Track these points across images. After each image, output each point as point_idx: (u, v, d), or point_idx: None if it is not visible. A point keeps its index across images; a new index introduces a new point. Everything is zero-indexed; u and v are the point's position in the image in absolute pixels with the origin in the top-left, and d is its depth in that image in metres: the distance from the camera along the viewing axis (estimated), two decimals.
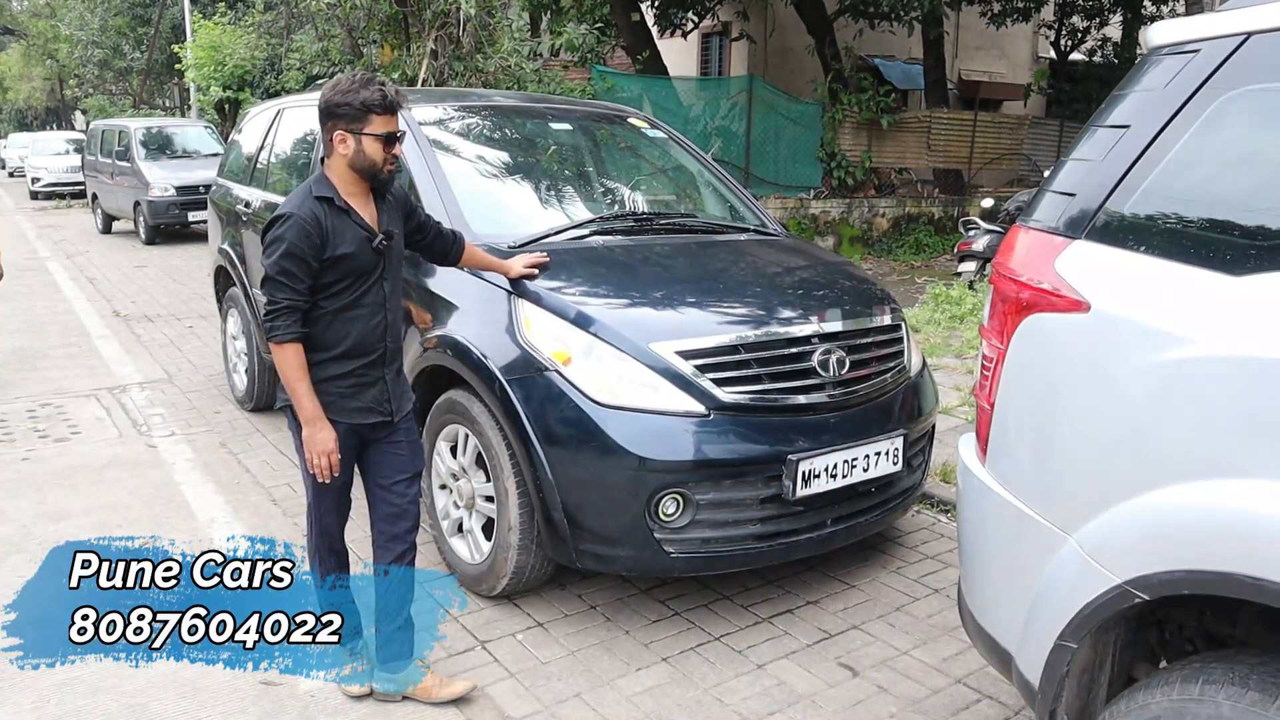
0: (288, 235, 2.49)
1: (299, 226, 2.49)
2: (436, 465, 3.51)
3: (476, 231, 3.51)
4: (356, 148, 2.55)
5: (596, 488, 2.94)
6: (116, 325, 8.30)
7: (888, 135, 13.25)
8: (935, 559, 3.78)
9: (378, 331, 2.67)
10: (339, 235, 2.56)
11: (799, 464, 3.03)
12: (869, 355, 3.39)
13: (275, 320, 2.51)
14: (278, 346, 2.53)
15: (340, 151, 2.56)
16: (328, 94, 2.56)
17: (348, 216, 2.58)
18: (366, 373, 2.66)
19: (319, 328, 2.60)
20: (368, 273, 2.63)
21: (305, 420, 2.56)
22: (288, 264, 2.49)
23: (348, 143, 2.55)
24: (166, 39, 23.09)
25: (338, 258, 2.55)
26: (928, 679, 2.95)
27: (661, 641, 3.13)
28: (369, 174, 2.60)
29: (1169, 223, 1.84)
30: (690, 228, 4.03)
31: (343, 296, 2.60)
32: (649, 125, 4.69)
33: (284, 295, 2.51)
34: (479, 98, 4.61)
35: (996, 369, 2.11)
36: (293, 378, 2.54)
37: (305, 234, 2.49)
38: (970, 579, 2.27)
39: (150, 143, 14.53)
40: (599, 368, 3.00)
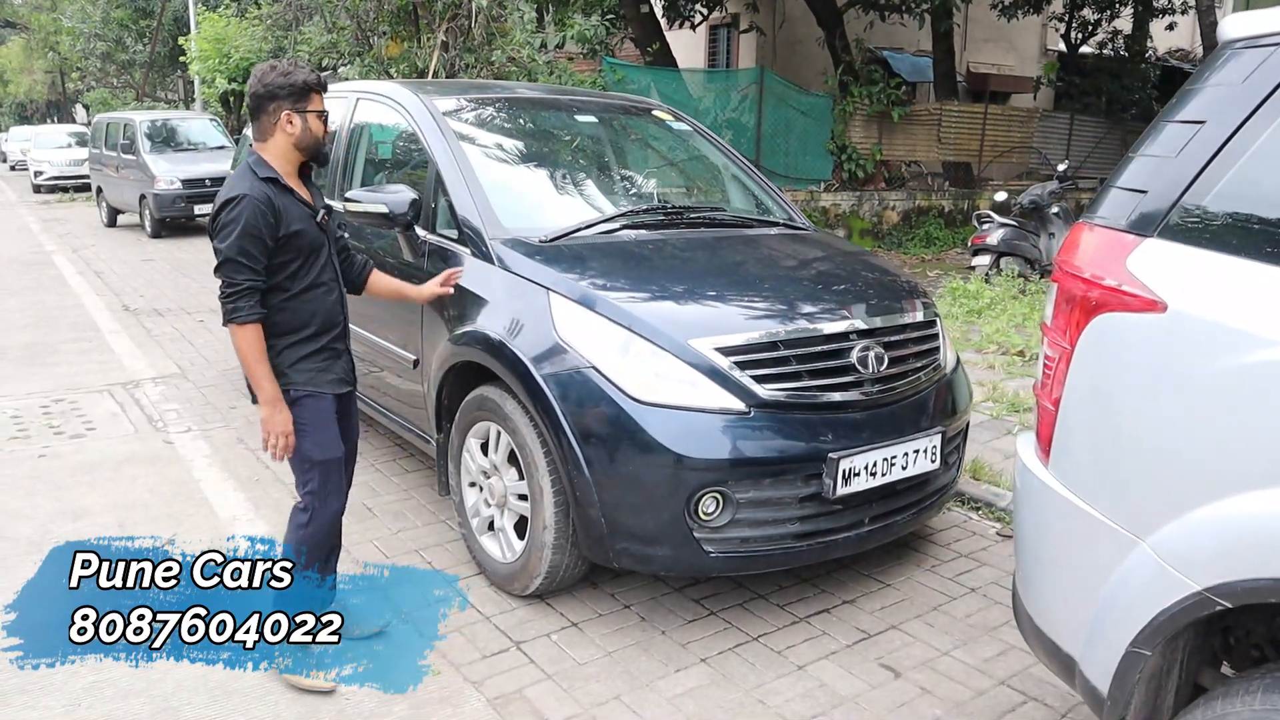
0: (244, 215, 2.54)
1: (254, 206, 2.55)
2: (466, 463, 3.47)
3: (507, 226, 3.46)
4: (303, 125, 2.68)
5: (635, 486, 2.89)
6: (127, 319, 8.25)
7: (898, 128, 13.19)
8: (969, 557, 3.73)
9: (337, 305, 2.83)
10: (289, 213, 2.65)
11: (839, 462, 2.98)
12: (906, 352, 3.34)
13: (237, 301, 2.56)
14: (239, 328, 2.58)
15: (287, 131, 2.67)
16: (267, 79, 2.65)
17: (292, 195, 2.69)
18: (334, 346, 2.82)
19: (289, 310, 2.69)
20: (318, 249, 2.75)
21: (266, 401, 2.64)
22: (246, 244, 2.54)
23: (294, 122, 2.66)
24: (169, 31, 23.00)
25: (291, 235, 2.63)
26: (971, 680, 2.91)
27: (699, 642, 3.09)
28: (314, 149, 2.74)
29: (1249, 221, 1.79)
30: (719, 221, 3.98)
31: (304, 276, 2.71)
32: (673, 118, 4.64)
33: (244, 276, 2.56)
34: (502, 90, 4.55)
35: (1061, 368, 2.06)
36: (253, 359, 2.61)
37: (260, 213, 2.56)
38: (1029, 581, 2.22)
39: (155, 136, 14.44)
40: (637, 364, 2.95)
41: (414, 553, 3.70)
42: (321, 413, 2.77)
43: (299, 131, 2.68)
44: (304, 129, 2.68)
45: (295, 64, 2.70)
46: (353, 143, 4.48)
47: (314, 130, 2.71)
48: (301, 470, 2.79)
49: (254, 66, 2.86)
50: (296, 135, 2.68)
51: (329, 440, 2.79)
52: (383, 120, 4.34)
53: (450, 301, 3.49)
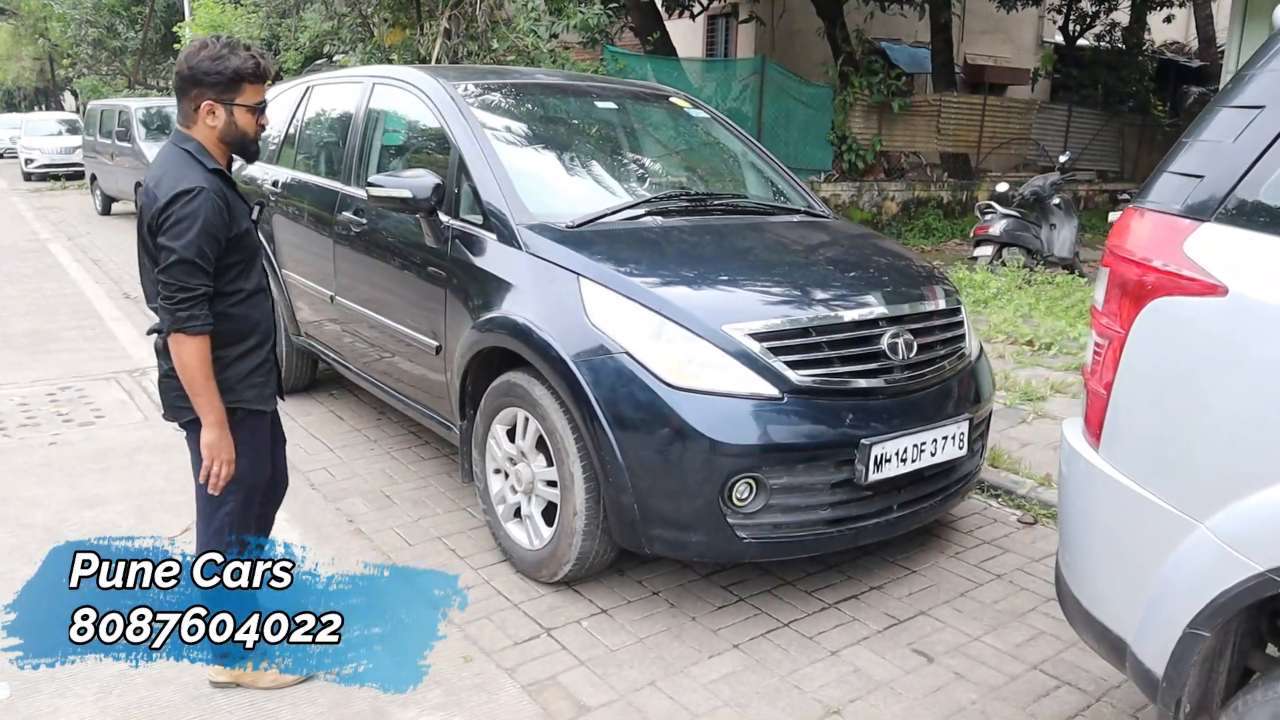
0: (203, 211, 2.27)
1: (212, 202, 2.30)
2: (491, 449, 3.45)
3: (533, 212, 3.44)
4: (227, 119, 2.40)
5: (669, 472, 2.88)
6: (128, 307, 8.19)
7: (898, 119, 13.19)
8: (991, 544, 3.74)
9: (272, 312, 2.63)
10: (237, 210, 2.42)
11: (872, 448, 2.98)
12: (933, 339, 3.34)
13: (192, 309, 2.28)
14: (190, 339, 2.29)
15: (208, 123, 2.39)
16: (193, 60, 2.34)
17: (236, 190, 2.46)
18: (270, 356, 2.60)
19: (235, 318, 2.43)
20: (256, 251, 2.53)
21: (214, 424, 2.39)
22: (204, 244, 2.28)
23: (216, 114, 2.38)
24: (161, 18, 22.79)
25: (241, 234, 2.40)
26: (1003, 665, 2.92)
27: (730, 628, 3.08)
28: (239, 146, 2.46)
29: None
30: (742, 208, 3.97)
31: (248, 279, 2.47)
32: (691, 105, 4.62)
33: (199, 281, 2.29)
34: (521, 75, 4.52)
35: (1113, 353, 2.05)
36: (204, 374, 2.34)
37: (217, 210, 2.32)
38: (1076, 564, 2.22)
39: (151, 122, 14.29)
40: (670, 349, 2.94)
41: (436, 540, 3.69)
42: (261, 432, 2.60)
43: (221, 125, 2.39)
44: (228, 123, 2.39)
45: (232, 45, 2.38)
46: (369, 128, 4.45)
47: (241, 126, 2.41)
48: (219, 496, 2.50)
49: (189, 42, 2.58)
50: (219, 129, 2.40)
51: (263, 461, 2.62)
52: (401, 105, 4.31)
53: (475, 287, 3.47)
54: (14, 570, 3.35)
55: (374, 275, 4.21)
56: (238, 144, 2.45)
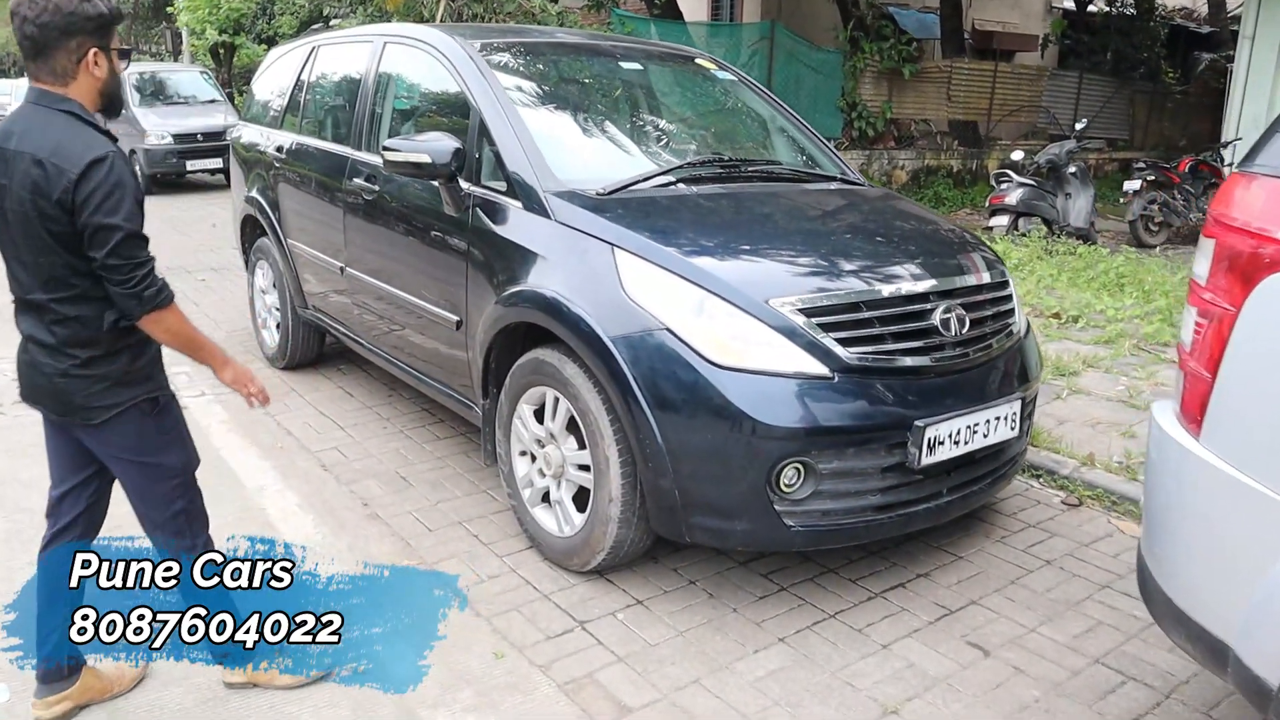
0: (126, 177, 2.05)
1: (128, 165, 2.09)
2: (517, 430, 3.27)
3: (561, 178, 3.24)
4: (109, 67, 2.13)
5: (713, 456, 2.71)
6: None
7: (908, 85, 12.91)
8: (1037, 527, 3.58)
9: None
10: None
11: (925, 430, 2.81)
12: (984, 314, 3.16)
13: (155, 282, 2.09)
14: (166, 312, 2.13)
15: (95, 74, 2.10)
16: (66, 6, 2.02)
17: None
18: None
19: None
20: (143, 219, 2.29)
21: (225, 362, 2.32)
22: (138, 212, 2.07)
23: (101, 63, 2.11)
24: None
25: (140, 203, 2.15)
26: (1063, 659, 2.76)
27: (774, 620, 2.92)
28: (113, 97, 2.19)
29: None
30: (776, 175, 3.77)
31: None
32: (717, 66, 4.40)
33: (147, 253, 2.10)
34: (541, 34, 4.30)
35: (1220, 332, 1.87)
36: (193, 331, 2.23)
37: (134, 174, 2.11)
38: (1167, 559, 2.06)
39: (144, 89, 13.99)
40: (713, 325, 2.75)
41: (457, 524, 3.52)
42: (182, 417, 2.41)
43: (105, 74, 2.12)
44: (109, 72, 2.13)
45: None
46: (379, 91, 4.23)
47: (118, 74, 2.18)
48: (171, 492, 2.34)
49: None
50: (104, 79, 2.12)
51: (193, 444, 2.44)
52: (415, 65, 4.08)
53: (499, 258, 3.27)
54: (11, 557, 3.20)
55: (387, 245, 4.01)
56: (113, 95, 2.19)
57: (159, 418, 2.30)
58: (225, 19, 15.32)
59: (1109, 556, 3.36)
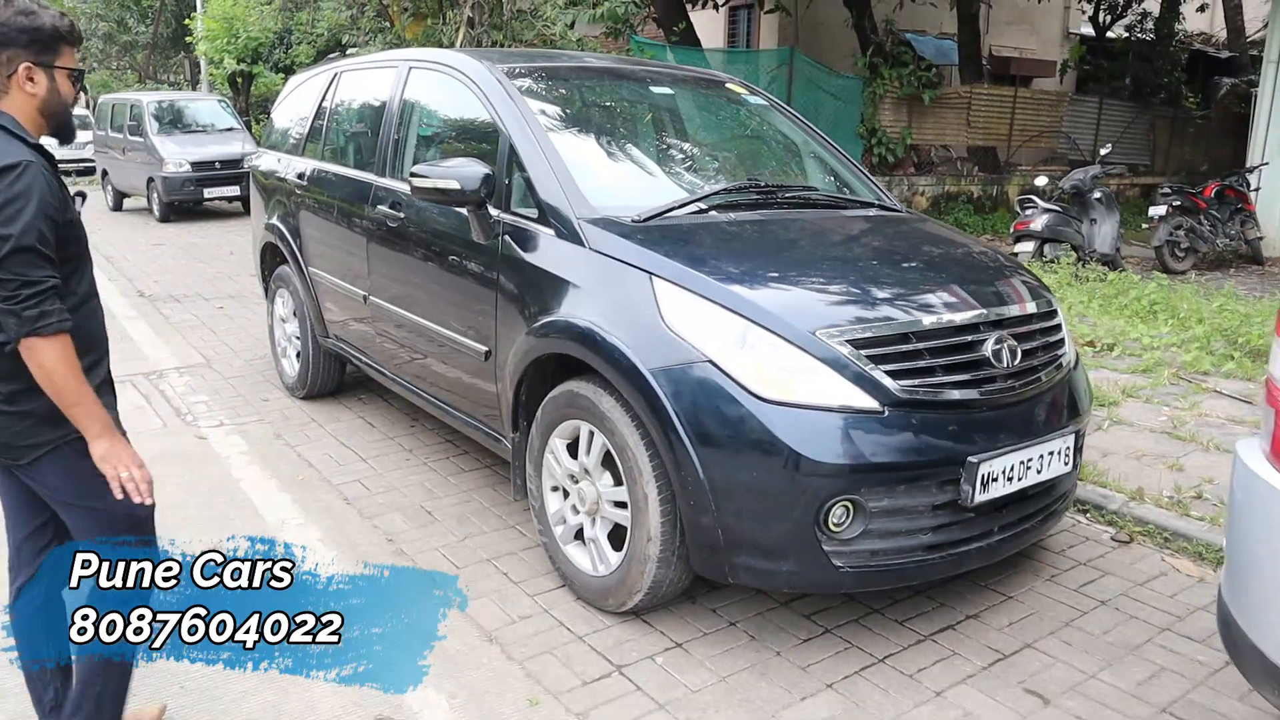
0: (36, 189, 1.89)
1: (43, 178, 1.93)
2: (549, 465, 3.16)
3: (594, 204, 3.15)
4: (49, 86, 2.02)
5: (759, 494, 2.59)
6: (143, 306, 7.92)
7: (928, 111, 12.87)
8: (1088, 565, 3.44)
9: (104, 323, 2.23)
10: (65, 194, 2.04)
11: (979, 466, 2.69)
12: (1034, 344, 3.04)
13: (42, 304, 1.89)
14: (46, 341, 1.90)
15: (27, 90, 1.99)
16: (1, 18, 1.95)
17: (57, 173, 2.03)
18: (109, 373, 2.21)
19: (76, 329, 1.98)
20: (87, 244, 2.13)
21: (101, 431, 2.01)
22: (43, 227, 1.90)
23: (37, 80, 2.00)
24: (172, 11, 22.55)
25: (72, 222, 2.02)
26: (1128, 708, 2.62)
27: (820, 664, 2.79)
28: (61, 119, 2.08)
29: None
30: (813, 202, 3.67)
31: (84, 280, 2.10)
32: (748, 91, 4.32)
33: (45, 272, 1.90)
34: (570, 59, 4.23)
35: None
36: (76, 377, 1.96)
37: (50, 188, 1.94)
38: (1257, 609, 1.93)
39: (163, 117, 14.05)
40: (758, 357, 2.64)
41: (485, 562, 3.41)
42: None
43: (44, 93, 2.01)
44: (50, 90, 2.02)
45: (40, 3, 2.02)
46: (405, 116, 4.16)
47: (64, 94, 2.05)
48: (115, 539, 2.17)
49: None
50: (41, 97, 2.01)
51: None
52: (440, 91, 4.01)
53: (530, 287, 3.18)
54: None
55: (413, 273, 3.92)
56: (60, 116, 2.08)
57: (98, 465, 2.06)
58: (243, 48, 15.42)
59: (1166, 597, 3.22)
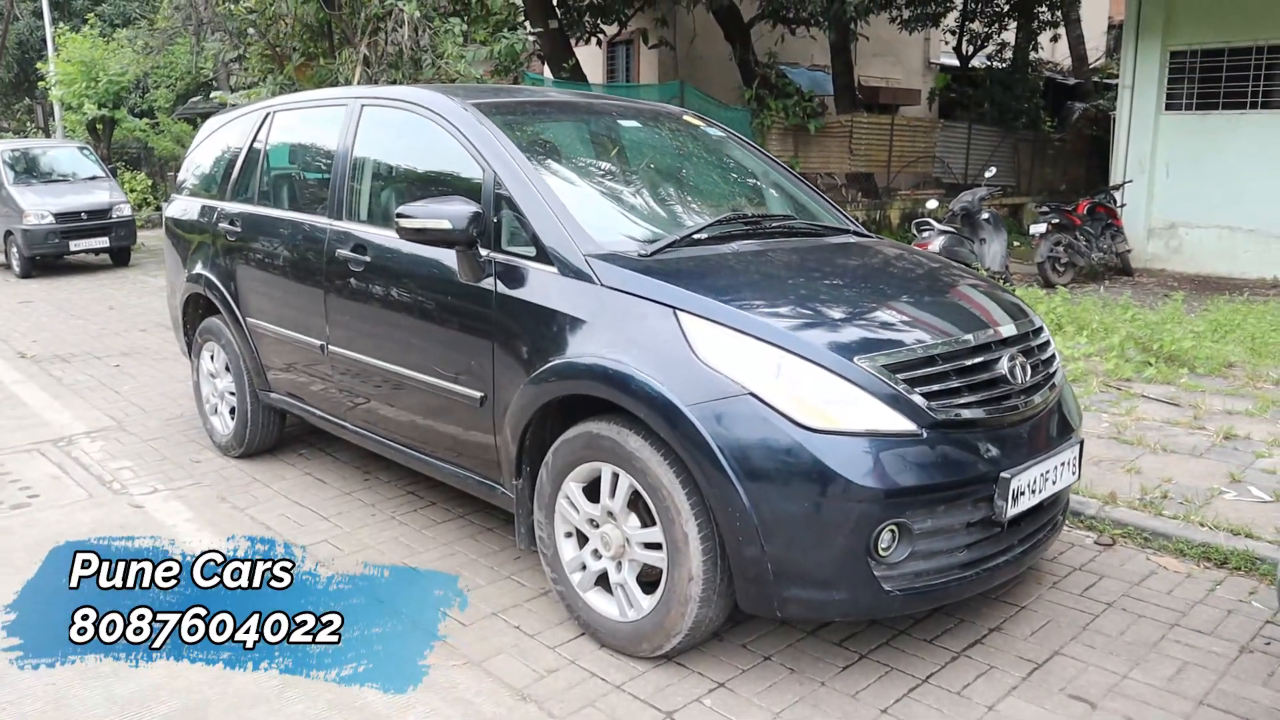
0: None
1: None
2: (563, 511, 3.05)
3: (598, 240, 3.08)
4: None
5: (810, 524, 2.56)
6: (28, 368, 7.32)
7: (813, 140, 13.30)
8: (1082, 570, 3.55)
9: None
10: None
11: (1011, 481, 2.74)
12: (1037, 359, 3.14)
13: None
14: None
15: None
16: None
17: None
18: None
19: None
20: None
21: None
22: None
23: None
24: (14, 55, 21.18)
25: None
26: (1170, 704, 2.70)
27: (868, 690, 2.77)
28: None
29: None
30: (796, 230, 3.70)
31: None
32: (705, 124, 4.34)
33: None
34: (533, 94, 4.14)
35: None
36: None
37: None
38: None
39: (18, 165, 13.14)
40: (798, 387, 2.62)
41: (491, 616, 3.25)
42: None
43: None
44: None
45: None
46: (361, 156, 3.98)
47: None
48: None
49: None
50: None
51: None
52: (403, 130, 3.85)
53: (533, 328, 3.08)
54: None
55: (383, 320, 3.74)
56: None
57: None
58: (105, 92, 14.59)
59: (1163, 594, 3.35)
